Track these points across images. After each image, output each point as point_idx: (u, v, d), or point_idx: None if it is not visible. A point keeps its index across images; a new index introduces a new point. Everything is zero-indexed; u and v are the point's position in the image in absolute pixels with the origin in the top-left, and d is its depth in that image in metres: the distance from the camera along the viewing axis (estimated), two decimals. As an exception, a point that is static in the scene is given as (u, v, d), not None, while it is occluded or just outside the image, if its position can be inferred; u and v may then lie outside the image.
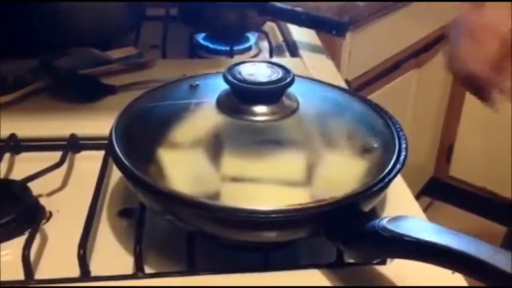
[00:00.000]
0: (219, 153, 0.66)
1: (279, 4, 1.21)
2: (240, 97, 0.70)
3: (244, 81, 0.69)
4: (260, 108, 0.69)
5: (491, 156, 2.30)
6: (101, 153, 0.81)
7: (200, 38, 1.23)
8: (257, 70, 0.71)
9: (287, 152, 0.67)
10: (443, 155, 2.47)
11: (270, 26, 1.32)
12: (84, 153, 0.86)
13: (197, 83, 0.77)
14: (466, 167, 2.43)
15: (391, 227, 0.56)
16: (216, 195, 0.61)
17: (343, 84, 1.01)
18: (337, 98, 0.80)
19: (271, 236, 0.63)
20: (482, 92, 0.83)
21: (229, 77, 0.69)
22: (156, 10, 1.33)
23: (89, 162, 0.83)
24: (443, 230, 0.55)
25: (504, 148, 2.16)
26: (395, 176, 0.65)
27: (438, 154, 2.49)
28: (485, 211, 2.42)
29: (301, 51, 1.19)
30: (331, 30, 1.20)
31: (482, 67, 0.81)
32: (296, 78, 0.71)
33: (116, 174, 0.80)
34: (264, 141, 0.68)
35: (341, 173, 0.65)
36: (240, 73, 0.70)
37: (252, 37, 1.25)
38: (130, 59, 1.11)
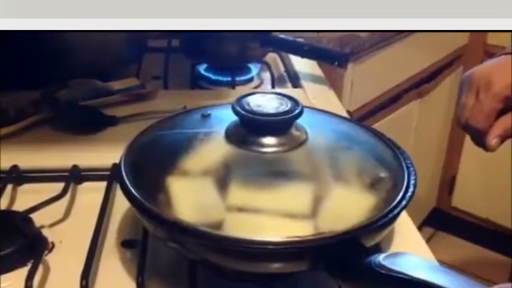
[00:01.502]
0: (226, 183, 0.65)
1: (281, 35, 1.22)
2: (249, 128, 0.70)
3: (253, 112, 0.69)
4: (268, 140, 0.69)
5: (494, 187, 2.30)
6: (103, 184, 0.81)
7: (202, 69, 1.24)
8: (266, 101, 0.71)
9: (294, 183, 0.67)
10: (446, 186, 2.47)
11: (271, 56, 1.33)
12: (86, 184, 0.86)
13: (209, 112, 0.77)
14: (468, 198, 2.43)
15: (386, 263, 0.55)
16: (219, 225, 0.61)
17: (345, 115, 1.01)
18: (346, 130, 0.79)
19: (270, 267, 0.62)
20: (481, 141, 0.90)
21: (238, 108, 0.69)
22: (157, 42, 1.34)
23: (91, 193, 0.83)
24: (439, 268, 0.54)
25: (506, 179, 2.15)
26: (399, 212, 0.64)
27: (440, 185, 2.49)
28: (488, 242, 2.41)
29: (303, 82, 1.20)
30: (333, 61, 1.21)
31: (480, 122, 0.87)
32: (305, 110, 0.71)
33: (118, 205, 0.80)
34: (272, 172, 0.68)
35: (347, 206, 0.65)
36: (248, 104, 0.70)
37: (254, 68, 1.25)
38: (132, 90, 1.11)
